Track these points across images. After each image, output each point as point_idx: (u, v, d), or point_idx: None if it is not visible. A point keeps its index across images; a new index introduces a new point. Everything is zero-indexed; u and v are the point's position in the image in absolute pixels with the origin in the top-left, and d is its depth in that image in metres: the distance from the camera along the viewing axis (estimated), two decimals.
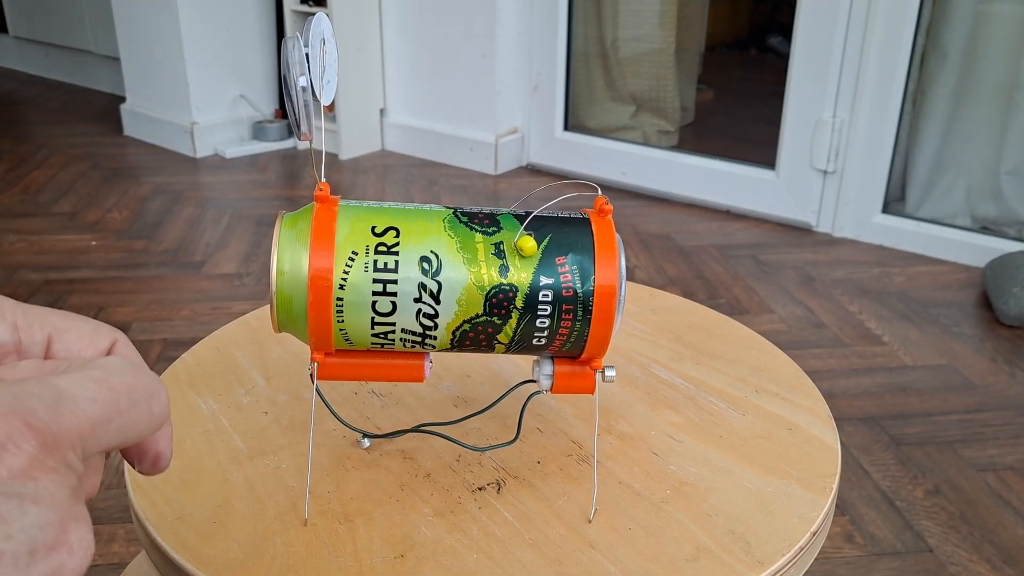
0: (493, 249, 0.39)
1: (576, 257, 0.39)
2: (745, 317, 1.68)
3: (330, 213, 0.39)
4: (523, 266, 0.39)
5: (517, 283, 0.39)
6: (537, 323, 0.39)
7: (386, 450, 0.48)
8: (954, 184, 2.06)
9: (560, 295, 0.39)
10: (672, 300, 0.67)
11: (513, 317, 0.39)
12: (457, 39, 2.47)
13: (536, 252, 0.39)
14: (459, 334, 0.40)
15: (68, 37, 3.45)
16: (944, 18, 1.99)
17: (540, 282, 0.39)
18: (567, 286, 0.39)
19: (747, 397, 0.54)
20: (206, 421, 0.50)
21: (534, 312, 0.39)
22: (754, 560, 0.41)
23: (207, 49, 2.59)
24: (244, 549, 0.40)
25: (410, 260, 0.38)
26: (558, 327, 0.39)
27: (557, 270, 0.39)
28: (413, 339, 0.40)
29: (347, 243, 0.39)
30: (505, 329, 0.39)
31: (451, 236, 0.39)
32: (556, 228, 0.40)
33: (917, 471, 1.25)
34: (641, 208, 2.28)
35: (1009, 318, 1.67)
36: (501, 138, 2.52)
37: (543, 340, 0.40)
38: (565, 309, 0.39)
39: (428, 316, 0.39)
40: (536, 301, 0.39)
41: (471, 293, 0.38)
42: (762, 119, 2.42)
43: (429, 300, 0.38)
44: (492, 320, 0.39)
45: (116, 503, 1.16)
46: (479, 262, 0.39)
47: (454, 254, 0.39)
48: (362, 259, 0.38)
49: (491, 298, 0.39)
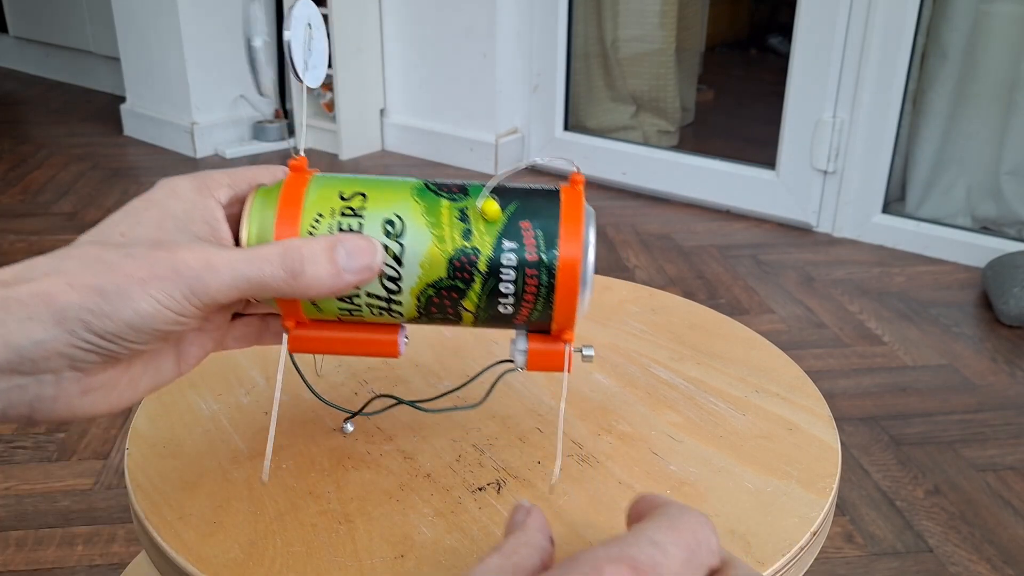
0: (458, 214, 0.38)
1: (541, 222, 0.38)
2: (745, 317, 1.68)
3: (301, 180, 0.39)
4: (487, 230, 0.38)
5: (480, 246, 0.38)
6: (501, 287, 0.38)
7: (386, 450, 0.48)
8: (954, 184, 2.06)
9: (524, 259, 0.38)
10: (672, 300, 0.67)
11: (476, 281, 0.38)
12: (457, 39, 2.47)
13: (501, 217, 0.38)
14: (424, 299, 0.39)
15: (68, 37, 3.45)
16: (944, 18, 1.99)
17: (504, 245, 0.38)
18: (531, 250, 0.38)
19: (747, 397, 0.54)
20: (206, 421, 0.50)
21: (497, 276, 0.38)
22: (754, 560, 0.41)
23: (207, 49, 2.59)
24: (244, 549, 0.40)
25: (374, 223, 0.38)
26: (523, 293, 0.39)
27: (521, 234, 0.38)
28: (379, 304, 0.39)
29: (313, 207, 0.38)
30: (470, 295, 0.39)
31: (417, 201, 0.39)
32: (524, 196, 0.39)
33: (917, 471, 1.25)
34: (641, 208, 2.28)
35: (1009, 318, 1.67)
36: (501, 138, 2.52)
37: (509, 308, 0.39)
38: (529, 274, 0.38)
39: (391, 279, 0.38)
40: (499, 265, 0.38)
41: (434, 256, 0.38)
42: (762, 119, 2.42)
43: (392, 263, 0.38)
44: (456, 284, 0.38)
45: (116, 503, 1.16)
46: (443, 226, 0.38)
47: (418, 218, 0.38)
48: (327, 221, 0.38)
49: (454, 261, 0.38)
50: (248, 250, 0.36)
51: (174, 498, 0.44)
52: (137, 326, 0.34)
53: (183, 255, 0.34)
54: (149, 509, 0.43)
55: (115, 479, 1.21)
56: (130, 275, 0.34)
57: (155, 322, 0.34)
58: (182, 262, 0.34)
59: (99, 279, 0.33)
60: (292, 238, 0.38)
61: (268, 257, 0.35)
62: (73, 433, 1.31)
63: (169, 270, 0.34)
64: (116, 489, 1.19)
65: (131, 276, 0.34)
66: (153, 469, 0.46)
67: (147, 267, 0.34)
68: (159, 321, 0.34)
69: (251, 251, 0.36)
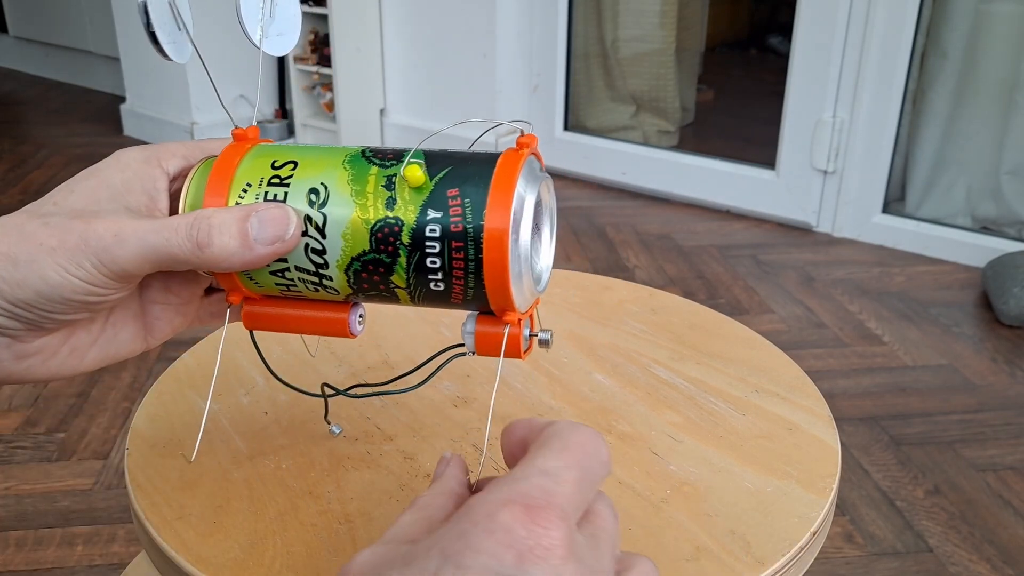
0: (384, 181, 0.36)
1: (470, 189, 0.35)
2: (745, 317, 1.68)
3: (239, 149, 0.38)
4: (411, 199, 0.35)
5: (403, 216, 0.35)
6: (428, 262, 0.35)
7: (386, 450, 0.48)
8: (954, 184, 2.06)
9: (449, 231, 0.35)
10: (672, 300, 0.67)
11: (401, 255, 0.36)
12: (457, 39, 2.47)
13: (426, 183, 0.35)
14: (352, 274, 0.37)
15: (68, 37, 3.45)
16: (944, 17, 1.99)
17: (428, 216, 0.35)
18: (456, 220, 0.34)
19: (747, 397, 0.54)
20: (206, 421, 0.50)
21: (422, 250, 0.35)
22: (754, 560, 0.41)
23: (207, 49, 2.58)
24: (244, 549, 0.40)
25: (299, 192, 0.36)
26: (451, 268, 0.35)
27: (448, 203, 0.35)
28: (310, 279, 0.37)
29: (244, 176, 0.37)
30: (397, 270, 0.36)
31: (346, 169, 0.37)
32: (459, 162, 0.36)
33: (917, 471, 1.25)
34: (641, 208, 2.28)
35: (1009, 318, 1.67)
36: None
37: (440, 285, 0.36)
38: (455, 247, 0.35)
39: (316, 252, 0.37)
40: (423, 237, 0.35)
41: (356, 227, 0.36)
42: (762, 119, 2.42)
43: (315, 234, 0.36)
44: (380, 258, 0.36)
45: (116, 503, 1.16)
46: (367, 194, 0.36)
47: (343, 186, 0.36)
48: (254, 191, 0.37)
49: (376, 232, 0.35)
50: (158, 220, 0.35)
51: (174, 498, 0.44)
52: (47, 295, 0.34)
53: (95, 225, 0.34)
54: (149, 509, 0.43)
55: (115, 479, 1.21)
56: (42, 243, 0.34)
57: (63, 291, 0.34)
58: (93, 232, 0.34)
59: (13, 247, 0.34)
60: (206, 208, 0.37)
61: (176, 227, 0.35)
62: (73, 433, 1.31)
63: (79, 239, 0.34)
64: (116, 489, 1.19)
65: (43, 245, 0.34)
66: (153, 469, 0.46)
67: (58, 236, 0.34)
68: (67, 290, 0.34)
69: (161, 221, 0.35)
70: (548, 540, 0.24)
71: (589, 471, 0.28)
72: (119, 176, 0.37)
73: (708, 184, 2.27)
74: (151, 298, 0.41)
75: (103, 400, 1.39)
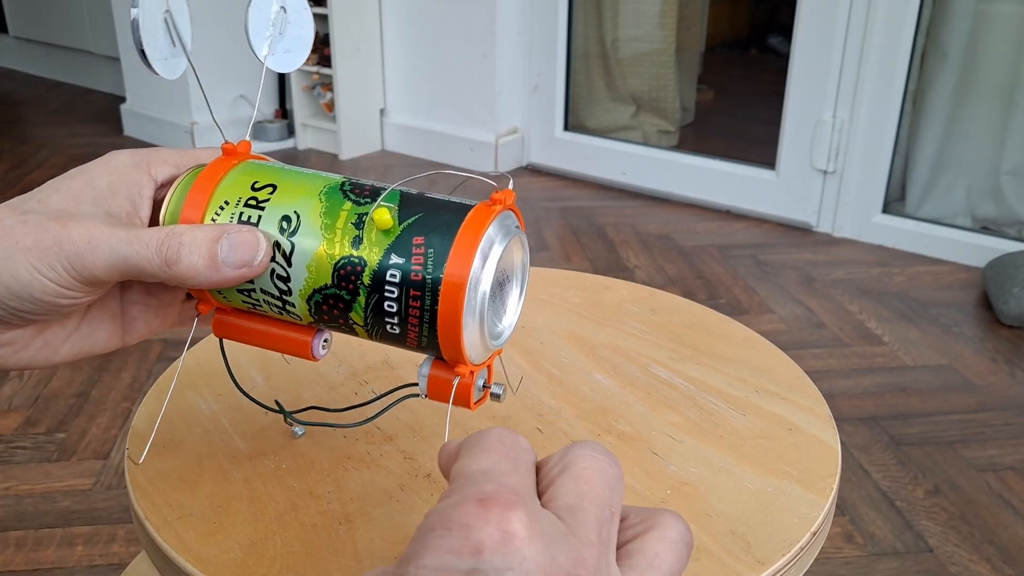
0: (355, 219, 0.36)
1: (435, 240, 0.35)
2: (745, 317, 1.68)
3: (225, 164, 0.39)
4: (377, 240, 0.35)
5: (367, 257, 0.35)
6: (385, 306, 0.35)
7: (386, 450, 0.48)
8: (954, 184, 2.06)
9: (408, 278, 0.35)
10: (672, 300, 0.67)
11: (361, 295, 0.36)
12: (457, 39, 2.47)
13: (394, 227, 0.35)
14: (313, 305, 0.37)
15: (68, 37, 3.45)
16: (944, 18, 1.99)
17: (390, 260, 0.35)
18: (416, 269, 0.35)
19: (747, 397, 0.54)
20: (206, 421, 0.50)
21: (381, 293, 0.35)
22: (754, 560, 0.41)
23: (207, 49, 2.59)
24: (244, 549, 0.40)
25: (272, 217, 0.37)
26: (407, 315, 0.35)
27: (412, 250, 0.35)
28: (274, 302, 0.38)
29: (223, 193, 0.38)
30: (355, 307, 0.36)
31: (320, 201, 0.37)
32: (432, 208, 0.36)
33: (917, 471, 1.25)
34: (641, 208, 2.28)
35: (1009, 318, 1.67)
36: (501, 138, 2.52)
37: (396, 329, 0.36)
38: (412, 295, 0.35)
39: (281, 278, 0.37)
40: (383, 280, 0.35)
41: (321, 261, 0.36)
42: (762, 119, 2.42)
43: (282, 261, 0.37)
44: (341, 295, 0.36)
45: (116, 503, 1.16)
46: (336, 229, 0.36)
47: (315, 218, 0.36)
48: (230, 210, 0.37)
49: (339, 269, 0.36)
50: (133, 231, 0.35)
51: (174, 498, 0.44)
52: (16, 292, 0.34)
53: (71, 229, 0.35)
54: (149, 509, 0.43)
55: (115, 479, 1.21)
56: (18, 241, 0.34)
57: (33, 290, 0.34)
58: (67, 236, 0.34)
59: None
60: (181, 224, 0.37)
61: (147, 241, 0.35)
62: (73, 433, 1.31)
63: (53, 241, 0.34)
64: (116, 489, 1.19)
65: (18, 243, 0.34)
66: (153, 469, 0.46)
67: (35, 235, 0.34)
68: (37, 290, 0.34)
69: (135, 232, 0.35)
70: (505, 525, 0.24)
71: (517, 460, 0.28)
72: (106, 179, 0.37)
73: (708, 184, 2.27)
74: (131, 299, 0.41)
75: (103, 400, 1.39)
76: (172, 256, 0.35)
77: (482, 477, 0.27)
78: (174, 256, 0.35)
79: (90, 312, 0.40)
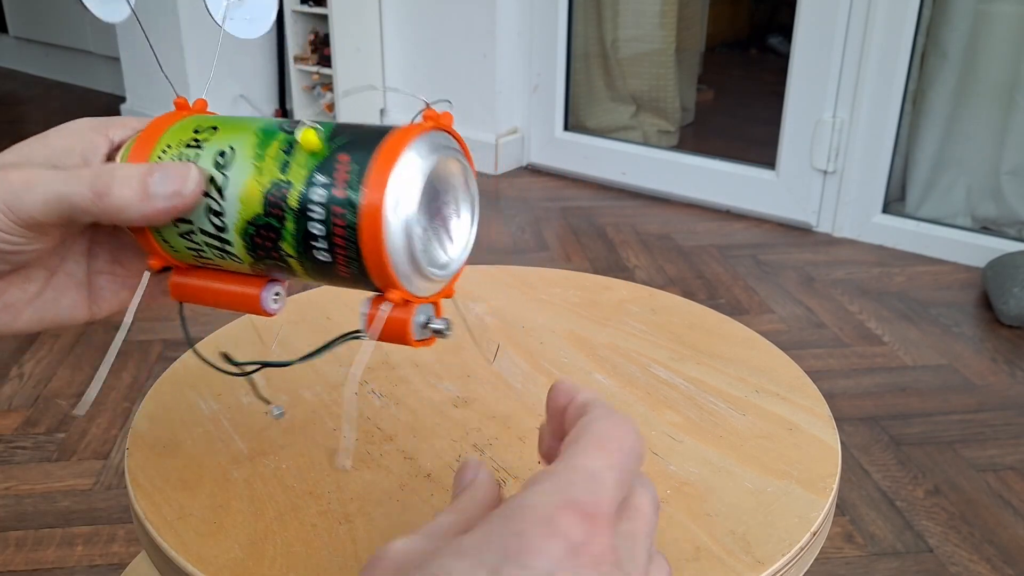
0: (285, 146, 0.35)
1: (360, 155, 0.34)
2: (745, 317, 1.68)
3: (174, 116, 0.38)
4: (305, 163, 0.34)
5: (294, 180, 0.34)
6: (311, 228, 0.34)
7: (386, 450, 0.48)
8: (954, 184, 2.06)
9: (333, 196, 0.33)
10: (672, 300, 0.67)
11: (288, 220, 0.34)
12: (457, 39, 2.47)
13: (322, 149, 0.34)
14: (248, 240, 0.36)
15: (68, 37, 3.45)
16: (944, 18, 1.99)
17: (316, 179, 0.34)
18: (341, 186, 0.33)
19: (747, 397, 0.54)
20: (206, 421, 0.50)
21: (307, 215, 0.34)
22: (754, 560, 0.41)
23: (207, 49, 2.59)
24: (244, 549, 0.40)
25: (209, 154, 0.36)
26: (333, 236, 0.34)
27: (335, 167, 0.34)
28: (214, 243, 0.37)
29: (166, 139, 0.37)
30: (285, 236, 0.35)
31: (256, 135, 0.36)
32: (363, 132, 0.35)
33: (917, 471, 1.25)
34: (641, 208, 2.28)
35: (1009, 318, 1.67)
36: (501, 138, 2.52)
37: (325, 255, 0.35)
38: (336, 213, 0.33)
39: (216, 213, 0.36)
40: (308, 201, 0.34)
41: (251, 189, 0.35)
42: (762, 119, 2.42)
43: (216, 195, 0.36)
44: (271, 223, 0.35)
45: (116, 503, 1.16)
46: (267, 158, 0.35)
47: (248, 149, 0.36)
48: (172, 152, 0.37)
49: (268, 195, 0.35)
50: (71, 171, 0.36)
51: (174, 498, 0.44)
52: None
53: (12, 174, 0.35)
54: (149, 509, 0.43)
55: (115, 479, 1.21)
56: None
57: None
58: (6, 179, 0.35)
59: None
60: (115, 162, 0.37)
61: (81, 176, 0.35)
62: (73, 433, 1.31)
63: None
64: (116, 489, 1.19)
65: None
66: (153, 469, 0.46)
67: None
68: None
69: (71, 171, 0.35)
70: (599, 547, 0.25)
71: (625, 469, 0.28)
72: (62, 141, 0.38)
73: (708, 184, 2.27)
74: (98, 268, 0.41)
75: (103, 400, 1.39)
76: (103, 188, 0.35)
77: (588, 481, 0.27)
78: (104, 188, 0.35)
79: (55, 279, 0.40)
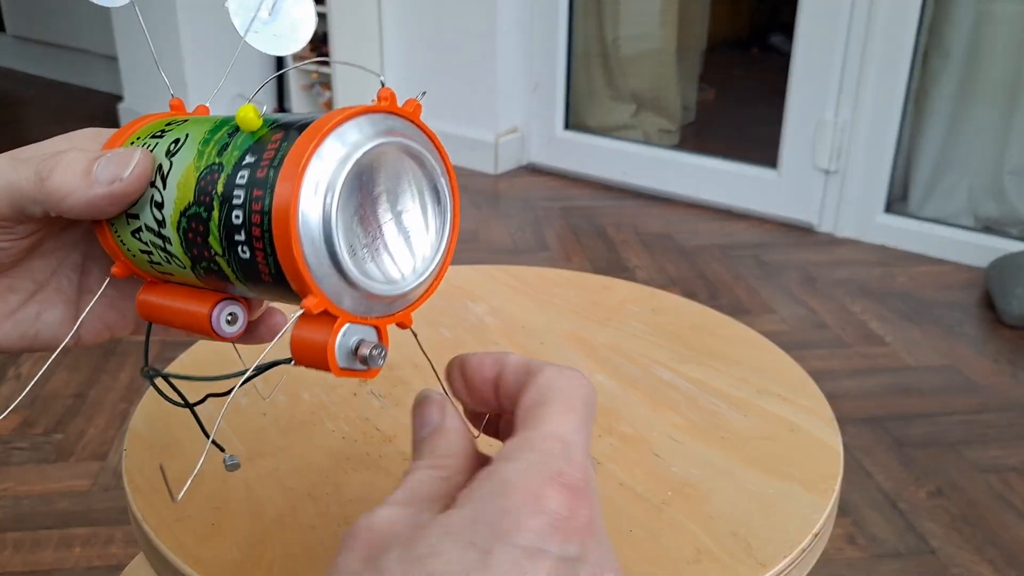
0: (230, 129, 0.31)
1: (293, 133, 0.29)
2: (747, 317, 1.68)
3: (159, 116, 0.37)
4: (242, 144, 0.30)
5: (225, 161, 0.30)
6: (232, 216, 0.29)
7: (386, 451, 0.48)
8: (957, 184, 2.05)
9: (255, 178, 0.28)
10: (673, 300, 0.66)
11: (215, 209, 0.29)
12: (457, 39, 2.47)
13: (261, 128, 0.30)
14: (184, 236, 0.31)
15: (66, 36, 3.45)
16: (946, 17, 1.99)
17: (244, 160, 0.29)
18: (265, 165, 0.28)
19: (749, 398, 0.53)
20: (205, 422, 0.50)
21: (231, 200, 0.29)
22: (756, 562, 0.40)
23: (206, 48, 2.59)
24: (242, 551, 0.40)
25: (165, 143, 0.33)
26: (251, 223, 0.28)
27: (266, 147, 0.29)
28: (158, 243, 0.33)
29: (139, 132, 0.36)
30: (212, 229, 0.30)
31: (215, 122, 0.33)
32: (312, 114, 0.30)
33: (920, 472, 1.25)
34: (642, 208, 2.28)
35: (1012, 318, 1.66)
36: (501, 137, 2.51)
37: (246, 250, 0.29)
38: (255, 196, 0.28)
39: (158, 206, 0.32)
40: (234, 185, 0.29)
41: (188, 174, 0.31)
42: (764, 118, 2.41)
43: (160, 184, 0.32)
44: (199, 212, 0.30)
45: (114, 504, 1.16)
46: (212, 142, 0.31)
47: (200, 135, 0.32)
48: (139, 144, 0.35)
49: (200, 180, 0.30)
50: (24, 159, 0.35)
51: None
52: None
53: None
54: (147, 511, 0.43)
55: (113, 480, 1.21)
56: None
57: None
58: None
59: None
60: None
61: (30, 162, 0.34)
62: (71, 434, 1.30)
63: None
64: (114, 490, 1.19)
65: None
66: (151, 470, 0.46)
67: None
68: None
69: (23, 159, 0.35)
70: (583, 519, 0.26)
71: (589, 425, 0.29)
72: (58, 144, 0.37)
73: (709, 184, 2.27)
74: (89, 286, 0.40)
75: (101, 401, 1.39)
76: (46, 172, 0.34)
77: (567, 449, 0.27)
78: (47, 172, 0.34)
79: (42, 292, 0.39)
